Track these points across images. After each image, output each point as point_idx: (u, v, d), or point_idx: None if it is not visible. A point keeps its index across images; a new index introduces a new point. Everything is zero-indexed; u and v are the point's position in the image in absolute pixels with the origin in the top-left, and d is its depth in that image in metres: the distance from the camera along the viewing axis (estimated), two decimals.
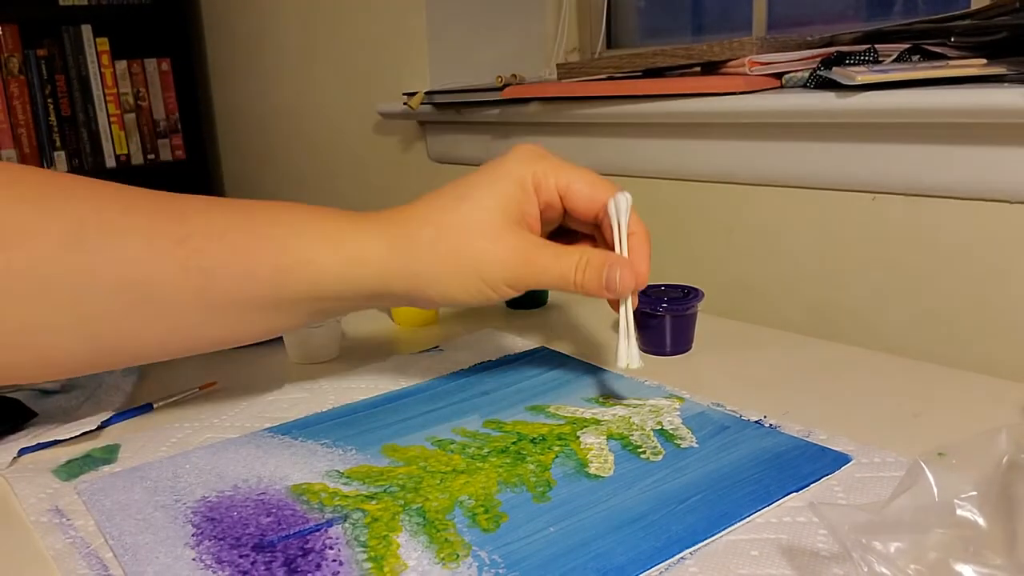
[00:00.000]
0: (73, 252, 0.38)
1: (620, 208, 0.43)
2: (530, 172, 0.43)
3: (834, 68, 0.64)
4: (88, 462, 0.43)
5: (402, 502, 0.37)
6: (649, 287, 0.57)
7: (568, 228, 0.47)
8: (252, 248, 0.40)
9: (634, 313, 0.45)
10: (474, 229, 0.42)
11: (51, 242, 0.37)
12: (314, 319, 0.45)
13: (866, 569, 0.26)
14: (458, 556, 0.33)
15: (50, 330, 0.38)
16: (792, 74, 0.70)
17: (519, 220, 0.43)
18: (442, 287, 0.42)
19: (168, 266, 0.39)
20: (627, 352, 0.45)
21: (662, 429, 0.44)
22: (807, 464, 0.39)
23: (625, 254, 0.44)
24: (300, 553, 0.34)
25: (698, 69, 0.76)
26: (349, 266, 0.41)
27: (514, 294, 0.43)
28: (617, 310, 0.45)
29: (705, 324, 0.58)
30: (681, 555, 0.33)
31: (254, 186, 1.66)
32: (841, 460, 0.40)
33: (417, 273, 0.41)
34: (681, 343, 0.57)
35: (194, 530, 0.36)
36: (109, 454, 0.44)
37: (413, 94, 1.03)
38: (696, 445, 0.42)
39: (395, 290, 0.42)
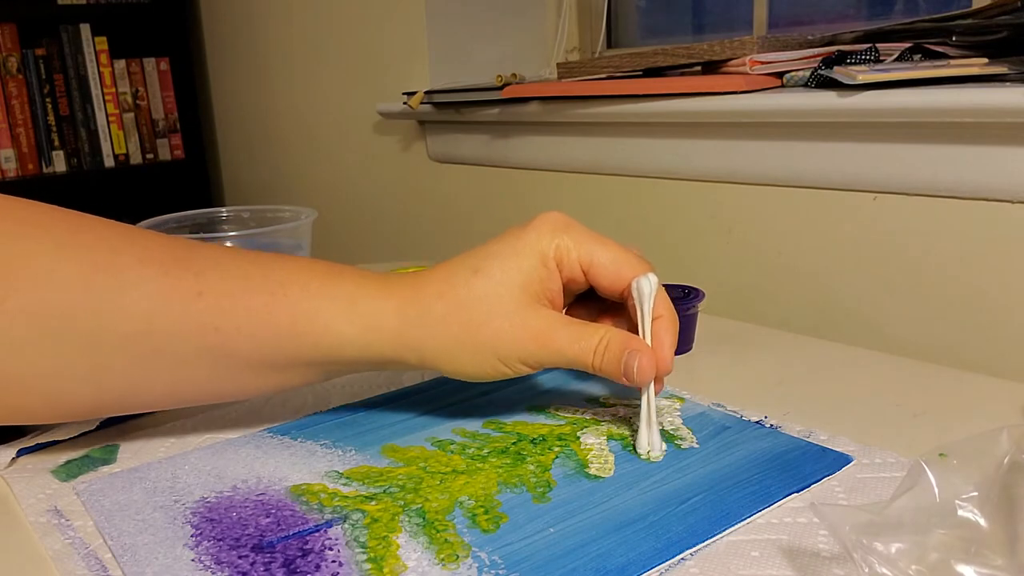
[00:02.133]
0: (86, 299, 0.37)
1: (643, 293, 0.41)
2: (552, 246, 0.41)
3: (835, 67, 0.64)
4: (87, 462, 0.43)
5: (402, 503, 0.37)
6: None
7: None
8: (267, 309, 0.40)
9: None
10: (487, 306, 0.40)
11: (64, 287, 0.37)
12: (327, 378, 0.45)
13: (867, 570, 0.26)
14: (458, 557, 0.33)
15: (60, 376, 0.38)
16: (793, 73, 0.70)
17: (538, 296, 0.41)
18: (455, 362, 0.41)
19: (181, 322, 0.39)
20: (648, 439, 0.42)
21: (662, 429, 0.44)
22: (808, 464, 0.39)
23: (648, 340, 0.41)
24: (299, 554, 0.34)
25: (699, 68, 0.76)
26: (363, 333, 0.41)
27: (530, 371, 0.41)
28: (641, 391, 0.42)
29: (705, 324, 0.58)
30: (681, 556, 0.33)
31: (253, 186, 1.66)
32: (842, 460, 0.40)
33: (429, 348, 0.41)
34: (682, 343, 0.56)
35: (193, 531, 0.36)
36: (108, 454, 0.44)
37: (413, 94, 1.03)
38: (697, 445, 0.42)
39: (408, 360, 0.42)
